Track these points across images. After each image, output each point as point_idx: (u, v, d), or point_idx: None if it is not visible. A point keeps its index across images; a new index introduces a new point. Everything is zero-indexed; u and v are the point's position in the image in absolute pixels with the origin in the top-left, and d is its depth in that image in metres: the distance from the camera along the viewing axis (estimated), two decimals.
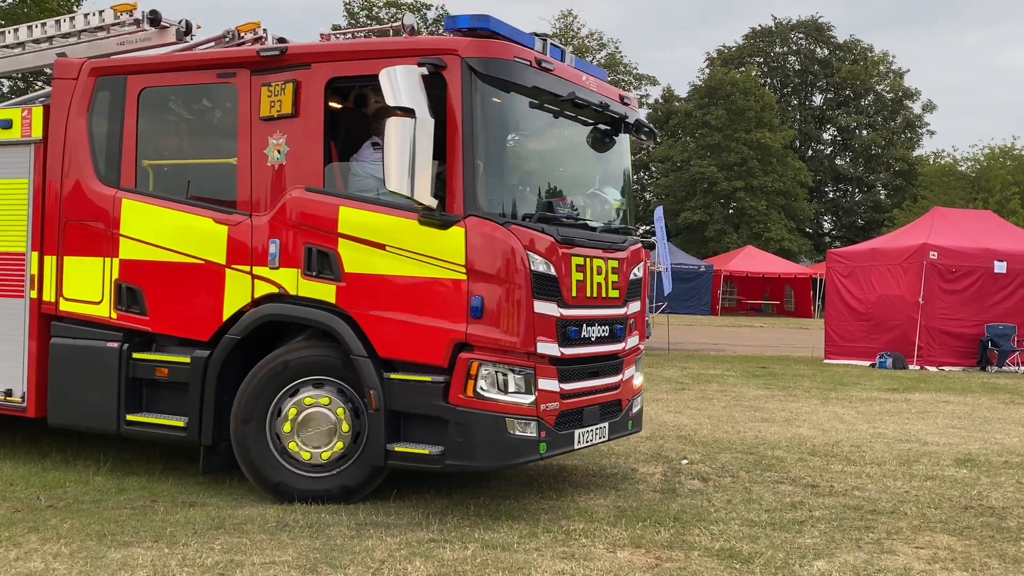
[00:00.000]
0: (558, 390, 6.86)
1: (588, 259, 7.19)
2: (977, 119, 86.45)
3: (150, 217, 7.58)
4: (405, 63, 6.51)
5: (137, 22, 8.48)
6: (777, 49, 64.99)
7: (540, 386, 6.72)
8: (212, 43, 8.52)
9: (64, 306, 7.88)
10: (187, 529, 6.21)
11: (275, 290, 7.09)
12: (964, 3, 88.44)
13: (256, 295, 7.16)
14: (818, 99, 68.44)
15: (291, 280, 7.02)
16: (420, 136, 6.29)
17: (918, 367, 19.90)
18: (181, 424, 7.30)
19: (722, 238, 57.43)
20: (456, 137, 6.59)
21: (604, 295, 7.39)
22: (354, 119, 7.50)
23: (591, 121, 7.78)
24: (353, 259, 6.85)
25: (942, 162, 47.81)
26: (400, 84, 6.37)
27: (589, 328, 7.21)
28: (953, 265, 20.14)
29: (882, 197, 55.61)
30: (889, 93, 58.69)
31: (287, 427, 6.92)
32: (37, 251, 8.06)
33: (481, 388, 6.53)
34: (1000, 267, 20.37)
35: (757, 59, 66.28)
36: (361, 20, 44.64)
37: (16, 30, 9.24)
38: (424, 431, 6.67)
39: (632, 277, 7.82)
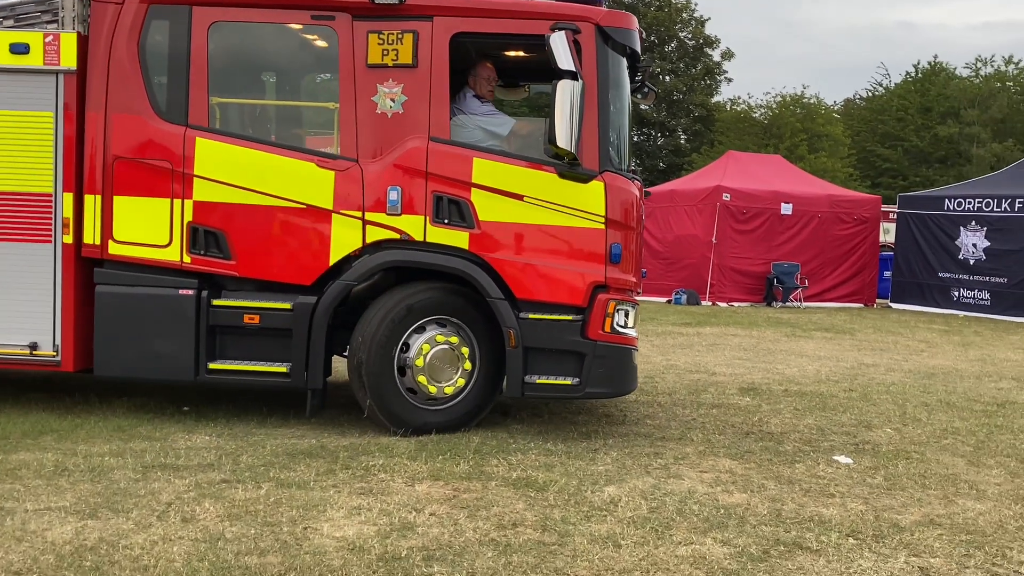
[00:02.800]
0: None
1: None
2: (772, 70, 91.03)
3: (233, 158, 7.28)
4: (539, 25, 7.08)
5: None
6: None
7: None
8: None
9: (115, 249, 7.33)
10: None
11: (395, 236, 7.23)
12: None
13: (368, 240, 7.24)
14: None
15: (417, 227, 7.21)
16: (580, 98, 6.81)
17: (710, 303, 20.94)
18: (284, 370, 7.25)
19: None
20: (592, 98, 7.08)
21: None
22: (461, 72, 7.60)
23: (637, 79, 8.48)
24: (488, 208, 7.21)
25: (738, 109, 49.94)
26: (566, 49, 6.83)
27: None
28: (744, 207, 21.19)
29: (682, 141, 57.61)
30: (691, 40, 60.70)
31: (419, 362, 7.24)
32: (72, 191, 7.32)
33: (617, 324, 7.25)
34: (786, 209, 21.60)
35: None
36: None
37: None
38: (553, 364, 7.22)
39: None
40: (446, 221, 7.21)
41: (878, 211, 22.78)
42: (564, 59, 6.84)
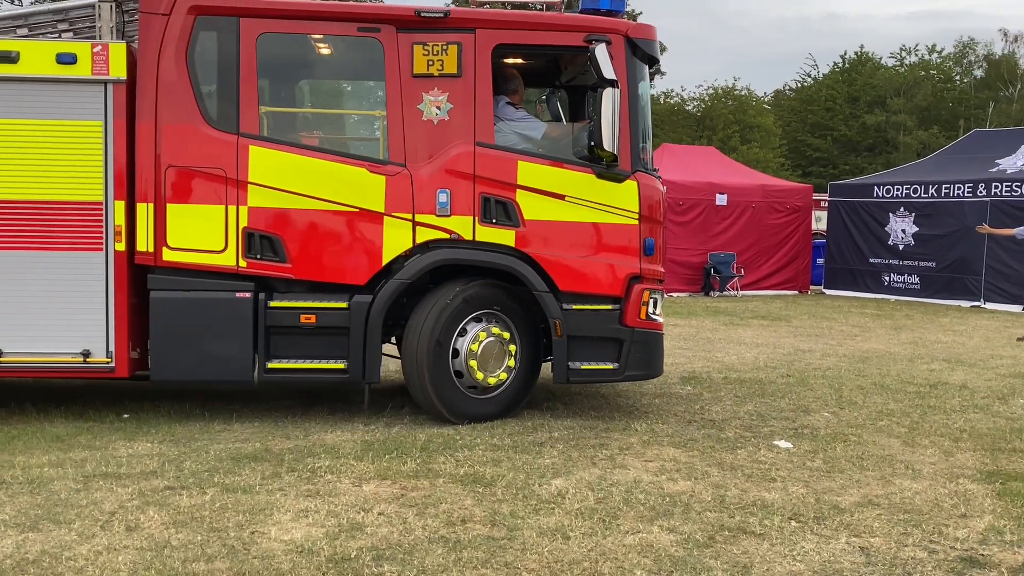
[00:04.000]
0: None
1: None
2: (704, 64, 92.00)
3: (286, 164, 7.52)
4: (572, 37, 7.70)
5: None
6: None
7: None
8: None
9: (168, 256, 7.47)
10: None
11: (445, 236, 7.63)
12: None
13: (418, 241, 7.61)
14: None
15: (466, 227, 7.64)
16: (620, 105, 7.45)
17: None
18: (342, 367, 7.57)
19: None
20: (624, 103, 7.62)
21: None
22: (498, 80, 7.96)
23: None
24: (532, 207, 7.70)
25: (671, 102, 50.48)
26: (608, 60, 7.42)
27: None
28: (681, 198, 21.41)
29: None
30: None
31: (472, 355, 7.67)
32: (123, 199, 7.39)
33: (651, 312, 7.88)
34: (721, 199, 21.88)
35: None
36: None
37: None
38: (595, 351, 7.80)
39: None
40: (494, 221, 7.68)
41: (810, 200, 23.20)
42: (607, 69, 7.41)
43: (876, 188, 22.07)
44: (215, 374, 7.60)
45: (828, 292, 22.62)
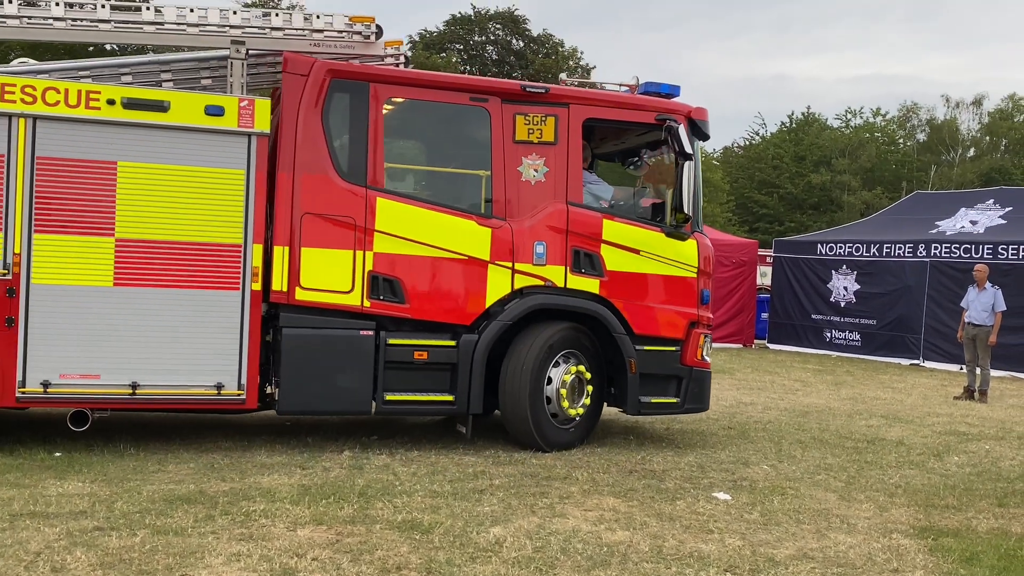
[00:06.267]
0: None
1: None
2: None
3: (407, 216, 8.35)
4: (646, 115, 9.02)
5: (362, 33, 8.86)
6: (476, 38, 66.64)
7: None
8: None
9: (301, 295, 8.09)
10: None
11: (539, 283, 8.67)
12: (644, 8, 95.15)
13: (515, 286, 8.60)
14: None
15: (559, 275, 8.72)
16: (695, 175, 8.91)
17: None
18: (450, 399, 8.44)
19: None
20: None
21: None
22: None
23: None
24: (613, 259, 8.88)
25: None
26: (687, 137, 8.78)
27: None
28: None
29: None
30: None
31: (562, 388, 8.69)
32: (261, 243, 7.94)
33: (704, 353, 9.12)
34: None
35: (457, 46, 67.63)
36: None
37: (189, 10, 8.66)
38: (660, 387, 8.99)
39: None
40: (582, 271, 8.78)
41: (755, 255, 23.53)
42: (687, 144, 8.76)
43: (820, 246, 22.47)
44: (338, 406, 8.42)
45: (772, 347, 22.88)
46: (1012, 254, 18.63)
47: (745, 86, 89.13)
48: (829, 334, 21.99)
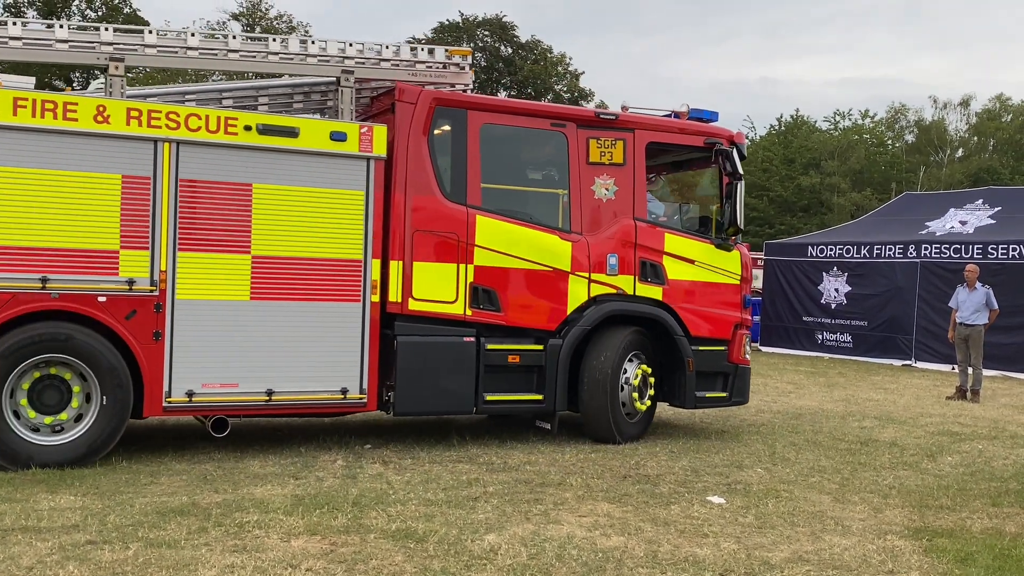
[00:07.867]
0: None
1: None
2: None
3: (501, 231, 9.19)
4: (697, 139, 10.19)
5: (459, 64, 9.73)
6: (465, 45, 66.77)
7: None
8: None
9: (413, 306, 8.83)
10: None
11: (612, 291, 9.64)
12: (633, 13, 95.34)
13: (591, 295, 9.52)
14: (503, 95, 71.11)
15: (628, 284, 9.74)
16: (743, 193, 10.19)
17: None
18: (539, 398, 9.31)
19: None
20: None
21: None
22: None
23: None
24: (673, 269, 9.95)
25: None
26: (737, 159, 10.06)
27: None
28: None
29: None
30: (567, 93, 62.06)
31: (634, 385, 9.67)
32: (379, 258, 8.65)
33: (745, 351, 10.31)
34: None
35: None
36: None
37: (311, 41, 9.36)
38: (712, 383, 10.11)
39: None
40: (648, 279, 9.80)
41: None
42: (739, 165, 10.02)
43: (810, 248, 22.54)
44: (446, 406, 9.20)
45: (764, 349, 22.91)
46: (1002, 254, 18.72)
47: (733, 90, 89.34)
48: (821, 336, 22.03)
